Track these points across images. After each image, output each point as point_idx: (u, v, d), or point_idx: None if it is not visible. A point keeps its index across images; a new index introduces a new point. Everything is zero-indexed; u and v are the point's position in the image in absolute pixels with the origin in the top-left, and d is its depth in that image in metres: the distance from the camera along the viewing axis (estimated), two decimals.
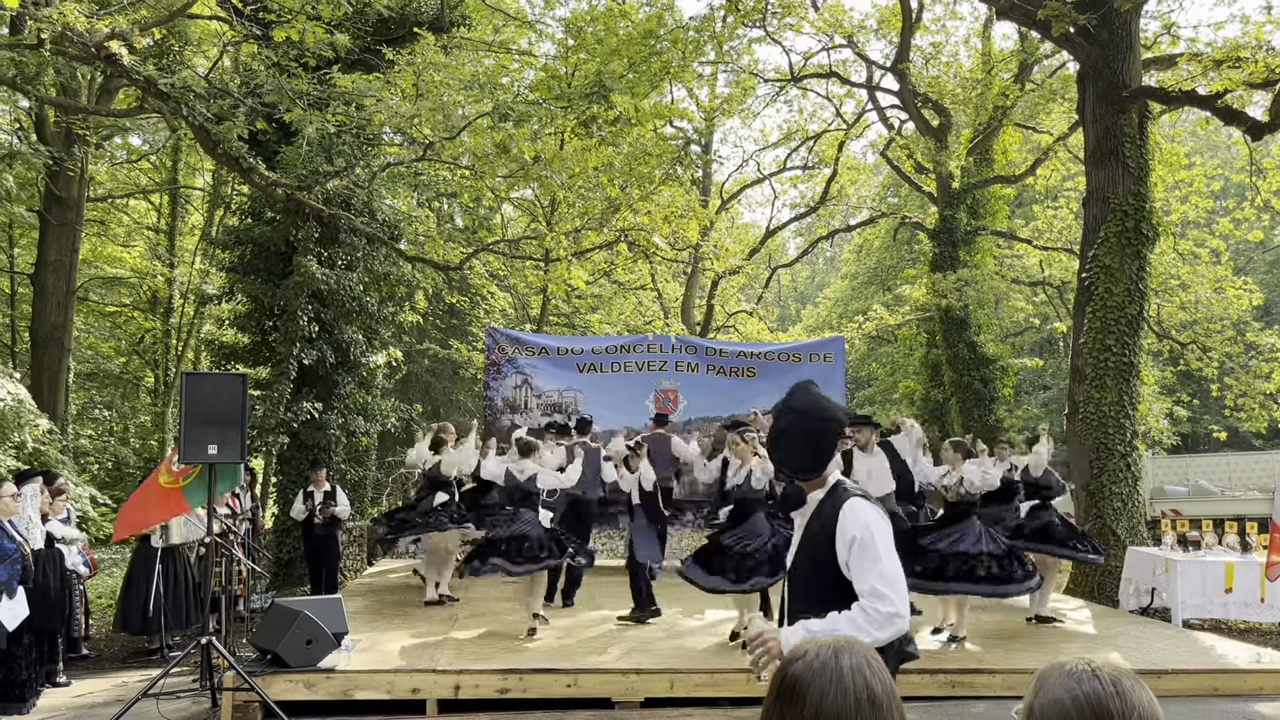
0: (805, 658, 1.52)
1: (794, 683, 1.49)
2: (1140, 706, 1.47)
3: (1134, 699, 1.47)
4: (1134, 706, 1.46)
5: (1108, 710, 1.45)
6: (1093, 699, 1.47)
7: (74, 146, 18.20)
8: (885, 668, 1.53)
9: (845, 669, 1.48)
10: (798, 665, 1.51)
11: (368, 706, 6.84)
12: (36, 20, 8.76)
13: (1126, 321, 12.28)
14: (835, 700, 1.46)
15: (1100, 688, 1.48)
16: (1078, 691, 1.48)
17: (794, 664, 1.52)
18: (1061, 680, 1.51)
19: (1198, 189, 19.21)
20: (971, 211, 20.41)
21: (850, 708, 1.45)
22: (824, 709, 1.45)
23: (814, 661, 1.50)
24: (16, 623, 6.74)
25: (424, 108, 10.12)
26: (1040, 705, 1.51)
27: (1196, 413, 28.82)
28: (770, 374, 14.18)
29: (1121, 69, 12.60)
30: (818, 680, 1.48)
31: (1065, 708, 1.48)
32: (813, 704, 1.46)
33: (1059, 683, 1.51)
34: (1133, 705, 1.46)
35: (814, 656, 1.51)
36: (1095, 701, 1.46)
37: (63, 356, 18.38)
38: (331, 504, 11.21)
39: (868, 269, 35.05)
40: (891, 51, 20.31)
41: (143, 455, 23.66)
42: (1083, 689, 1.48)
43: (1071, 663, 1.53)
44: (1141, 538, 11.99)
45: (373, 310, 14.14)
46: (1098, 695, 1.47)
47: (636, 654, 7.64)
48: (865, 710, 1.46)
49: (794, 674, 1.50)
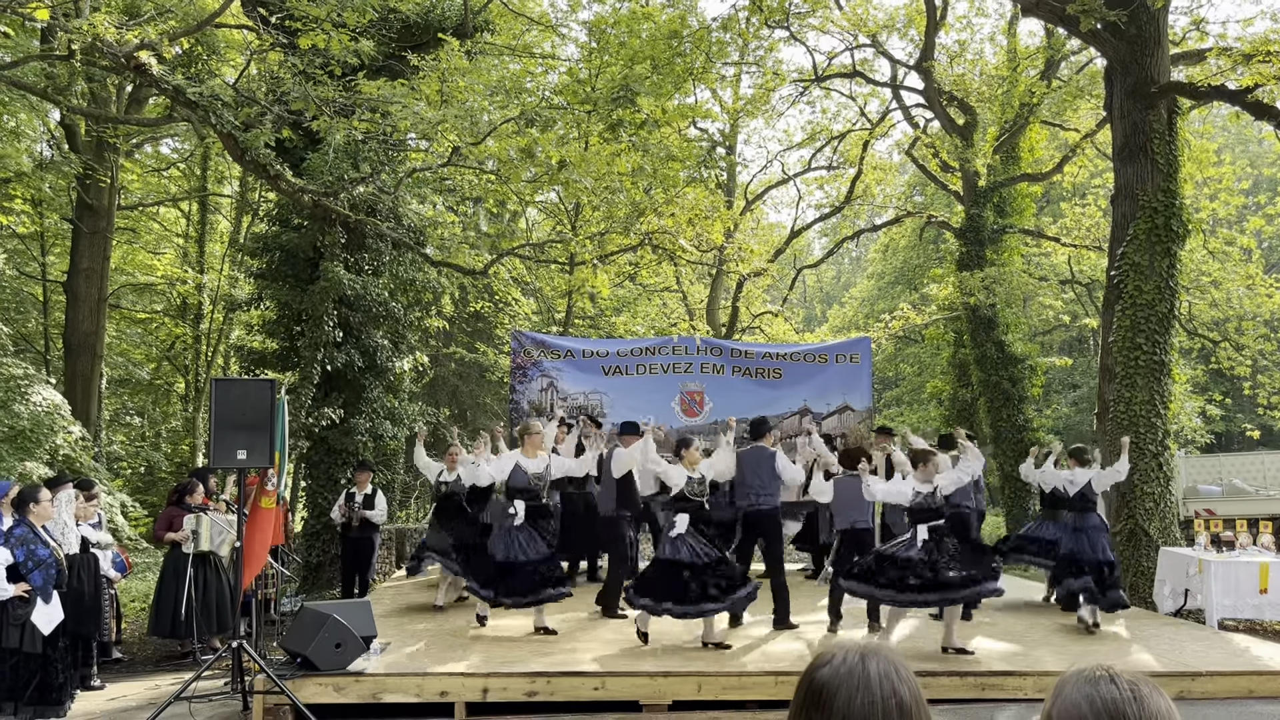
0: (832, 663, 1.51)
1: (821, 688, 1.48)
2: (1158, 713, 1.46)
3: (1151, 705, 1.46)
4: (1152, 713, 1.45)
5: (1124, 715, 1.45)
6: (1110, 705, 1.46)
7: (105, 155, 18.45)
8: (912, 673, 1.52)
9: (873, 674, 1.47)
10: (824, 670, 1.50)
11: (396, 709, 6.88)
12: (67, 31, 8.88)
13: (1157, 319, 12.14)
14: (862, 706, 1.45)
15: (1118, 693, 1.47)
16: (1095, 697, 1.47)
17: (821, 669, 1.51)
18: (1079, 685, 1.50)
19: (1227, 185, 18.97)
20: (998, 210, 20.26)
21: (878, 713, 1.44)
22: (851, 715, 1.44)
23: (840, 666, 1.49)
24: (52, 626, 6.82)
25: (449, 114, 10.17)
26: (1058, 711, 1.50)
27: (1230, 411, 28.49)
28: (796, 375, 14.13)
29: (1150, 64, 12.47)
30: (845, 686, 1.47)
31: (1082, 712, 1.47)
32: (840, 710, 1.45)
33: (1076, 688, 1.50)
34: (1150, 711, 1.46)
35: (841, 661, 1.50)
36: (1112, 707, 1.46)
37: (95, 363, 18.63)
38: (368, 507, 11.08)
39: (894, 269, 34.90)
40: (916, 50, 20.20)
41: (174, 460, 23.93)
42: (1100, 694, 1.48)
43: (1089, 668, 1.52)
44: (1174, 538, 11.85)
45: (399, 315, 14.22)
46: (1115, 701, 1.47)
47: (664, 657, 7.64)
48: (893, 716, 1.45)
49: (821, 679, 1.49)
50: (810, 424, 12.84)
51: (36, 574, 6.75)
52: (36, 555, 6.78)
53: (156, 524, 10.26)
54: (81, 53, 9.12)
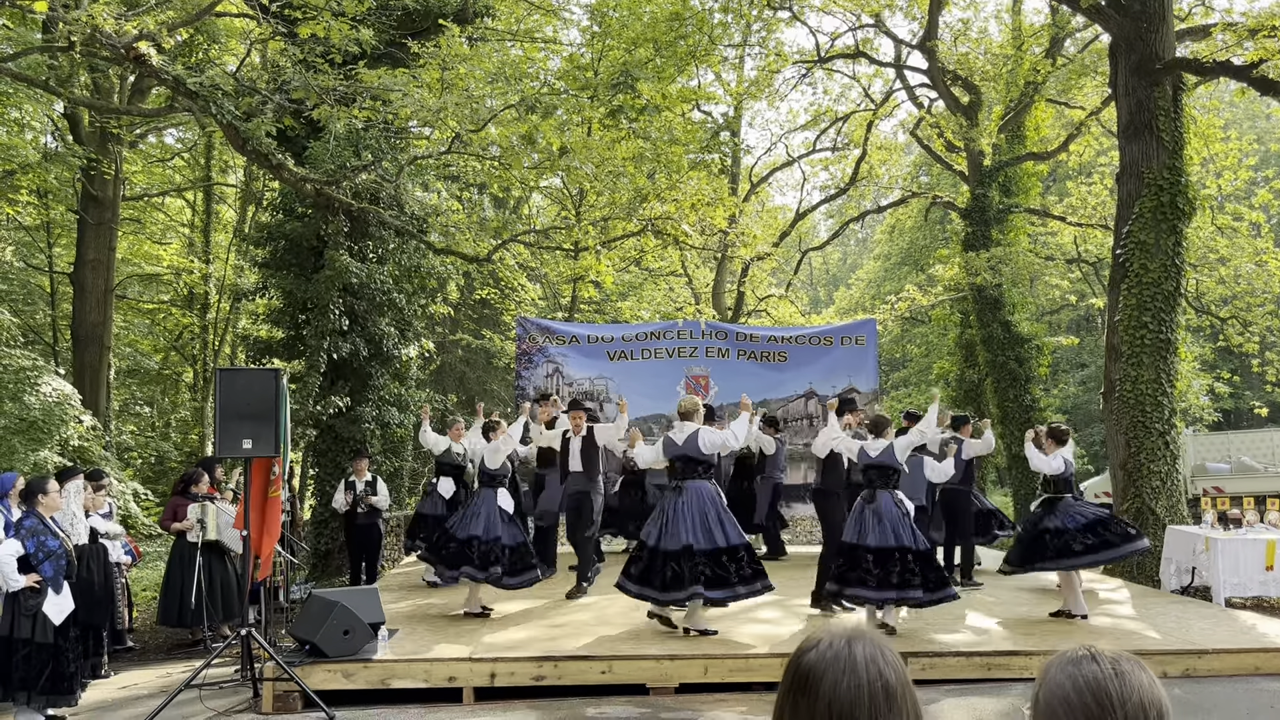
0: (818, 647, 1.51)
1: (807, 672, 1.49)
2: (1140, 687, 1.47)
3: (1134, 680, 1.48)
4: (1134, 687, 1.47)
5: (1107, 692, 1.46)
6: (1092, 682, 1.48)
7: (108, 146, 18.45)
8: (899, 657, 1.52)
9: (859, 658, 1.48)
10: (811, 655, 1.51)
11: (405, 695, 6.93)
12: (66, 23, 8.88)
13: (1163, 298, 12.10)
14: (848, 690, 1.45)
15: (1099, 670, 1.49)
16: (1077, 676, 1.49)
17: (807, 653, 1.52)
18: (1062, 667, 1.52)
19: (1231, 164, 18.83)
20: (1004, 189, 20.16)
21: (864, 698, 1.45)
22: (837, 699, 1.45)
23: (827, 651, 1.50)
24: (63, 617, 6.87)
25: (449, 101, 10.15)
26: (1044, 695, 1.51)
27: (1238, 389, 28.38)
28: (801, 358, 14.14)
29: (1154, 40, 12.38)
30: (831, 670, 1.47)
31: (1066, 693, 1.48)
32: (825, 694, 1.46)
33: (1060, 670, 1.52)
34: (1133, 686, 1.47)
35: (827, 646, 1.50)
36: (1095, 684, 1.47)
37: (103, 354, 18.69)
38: (371, 494, 11.24)
39: (900, 250, 34.82)
40: (919, 29, 20.07)
41: (183, 450, 24.03)
42: (1082, 673, 1.49)
43: (1072, 650, 1.54)
44: (1181, 516, 11.83)
45: (404, 303, 14.23)
46: (1097, 678, 1.48)
47: (671, 640, 7.67)
48: (879, 700, 1.46)
49: (807, 664, 1.50)
50: (817, 408, 12.91)
51: (47, 565, 6.80)
52: (46, 546, 6.82)
53: (163, 514, 10.34)
54: (81, 44, 9.12)
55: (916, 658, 7.22)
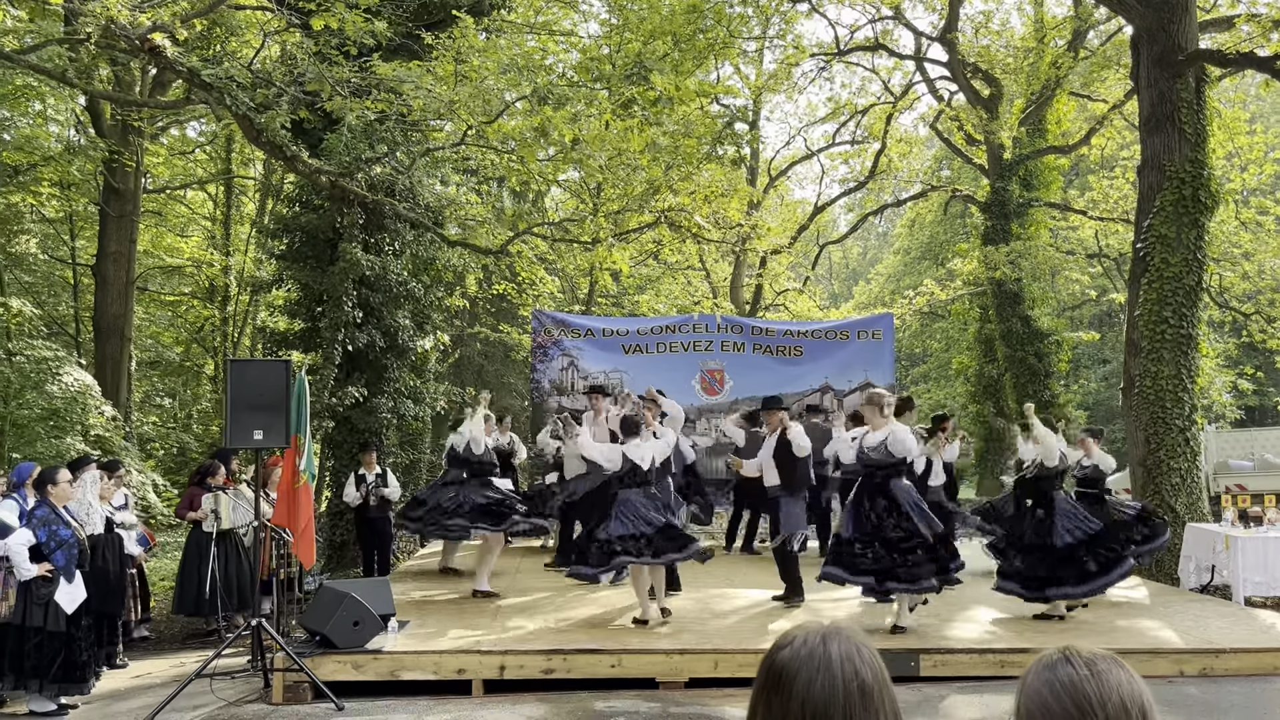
0: (793, 644, 1.48)
1: (781, 670, 1.46)
2: (1119, 685, 1.43)
3: (1111, 679, 1.44)
4: (1113, 686, 1.43)
5: (1085, 694, 1.42)
6: (1069, 685, 1.44)
7: (129, 139, 18.56)
8: (876, 654, 1.49)
9: (834, 656, 1.45)
10: (785, 652, 1.48)
11: (414, 686, 6.94)
12: (82, 15, 8.92)
13: (1184, 293, 11.94)
14: (823, 689, 1.42)
15: (1074, 672, 1.45)
16: (1054, 680, 1.46)
17: (781, 650, 1.49)
18: (1039, 673, 1.48)
19: (1256, 158, 18.59)
20: (1024, 183, 19.99)
21: (839, 697, 1.42)
22: (811, 697, 1.42)
23: (801, 648, 1.46)
24: (75, 606, 6.93)
25: (463, 94, 10.14)
26: (1024, 703, 1.48)
27: (1262, 385, 28.05)
28: (817, 352, 14.06)
29: (1177, 32, 12.21)
30: (805, 668, 1.44)
31: (1045, 699, 1.45)
32: (799, 692, 1.43)
33: (1037, 675, 1.48)
34: (1111, 685, 1.43)
35: (801, 643, 1.47)
36: (1072, 687, 1.44)
37: (124, 346, 18.83)
38: (381, 486, 11.24)
39: (920, 244, 34.61)
40: (940, 21, 19.91)
41: (204, 441, 24.19)
42: (1058, 677, 1.46)
43: (1047, 653, 1.50)
44: (1202, 514, 11.70)
45: (420, 295, 14.24)
46: (1073, 680, 1.45)
47: (681, 634, 7.65)
48: (854, 698, 1.42)
49: (781, 661, 1.47)
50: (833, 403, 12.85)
51: (59, 554, 6.85)
52: (58, 535, 6.87)
53: (180, 504, 10.41)
54: (98, 36, 9.16)
55: (928, 655, 7.16)
